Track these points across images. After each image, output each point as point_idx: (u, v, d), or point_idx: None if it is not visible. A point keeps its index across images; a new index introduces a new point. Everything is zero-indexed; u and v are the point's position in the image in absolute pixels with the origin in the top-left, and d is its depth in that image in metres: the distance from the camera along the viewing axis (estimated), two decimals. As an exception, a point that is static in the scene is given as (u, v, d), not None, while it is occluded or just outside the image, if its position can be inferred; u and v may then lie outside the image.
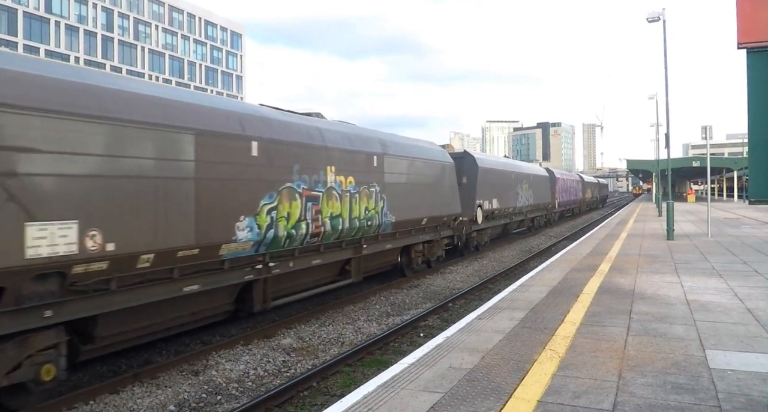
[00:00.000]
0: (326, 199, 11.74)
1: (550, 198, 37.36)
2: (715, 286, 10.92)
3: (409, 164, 15.88)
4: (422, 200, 16.34)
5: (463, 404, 5.09)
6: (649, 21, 23.13)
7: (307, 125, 11.75)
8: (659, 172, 46.08)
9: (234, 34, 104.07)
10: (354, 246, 13.17)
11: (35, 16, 70.19)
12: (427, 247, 17.54)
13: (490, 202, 23.15)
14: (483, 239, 23.61)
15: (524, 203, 29.43)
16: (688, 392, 5.30)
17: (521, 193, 28.79)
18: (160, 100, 8.19)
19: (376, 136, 14.74)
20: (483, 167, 22.71)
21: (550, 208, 37.62)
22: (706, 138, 22.21)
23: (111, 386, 7.74)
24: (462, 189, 20.45)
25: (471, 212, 21.03)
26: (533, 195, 31.51)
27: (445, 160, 18.66)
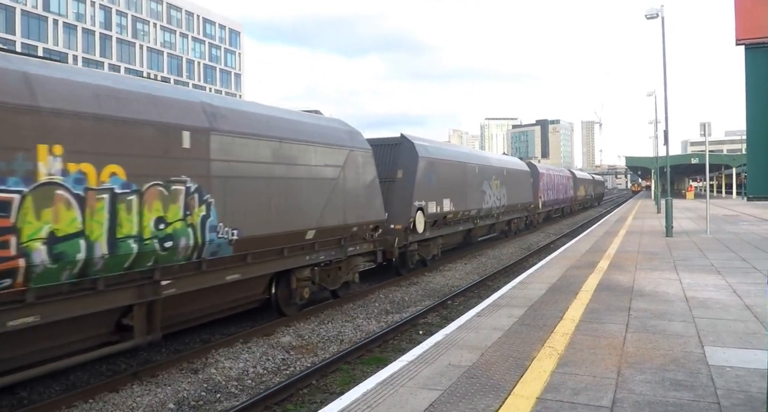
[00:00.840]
0: (37, 204, 6.53)
1: (533, 197, 32.28)
2: (713, 283, 10.93)
3: (276, 149, 10.52)
4: (307, 204, 11.14)
5: (462, 402, 5.10)
6: (647, 18, 23.12)
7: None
8: (658, 170, 46.08)
9: (232, 32, 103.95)
10: (139, 285, 7.96)
11: (33, 14, 70.07)
12: (323, 271, 12.42)
13: (438, 205, 17.88)
14: (429, 251, 18.26)
15: (495, 204, 24.09)
16: (686, 388, 5.30)
17: (490, 191, 23.43)
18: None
19: (195, 98, 9.35)
20: (426, 158, 17.22)
21: (533, 208, 32.53)
22: (704, 135, 22.21)
23: (110, 384, 7.74)
24: (396, 187, 16.15)
25: (407, 217, 15.99)
26: (508, 194, 26.14)
27: (355, 146, 13.18)
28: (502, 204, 25.23)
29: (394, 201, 15.77)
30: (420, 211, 16.52)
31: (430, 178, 17.34)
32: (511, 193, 26.69)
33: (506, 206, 25.81)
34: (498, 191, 24.54)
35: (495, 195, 24.14)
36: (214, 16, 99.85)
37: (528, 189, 30.95)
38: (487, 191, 23.14)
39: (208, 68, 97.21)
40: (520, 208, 29.26)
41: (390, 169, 16.26)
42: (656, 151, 47.65)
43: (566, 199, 45.18)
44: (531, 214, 32.47)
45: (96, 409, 7.10)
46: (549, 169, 41.30)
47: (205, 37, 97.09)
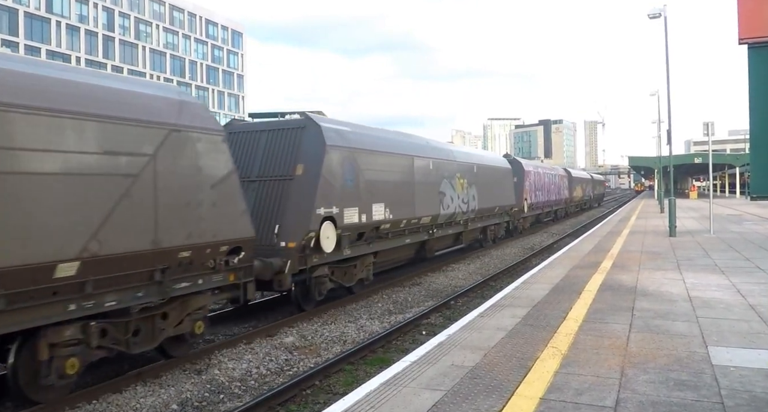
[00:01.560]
0: None
1: (516, 198, 27.65)
2: (717, 282, 10.91)
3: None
4: (52, 219, 6.58)
5: (465, 402, 5.09)
6: (650, 17, 23.09)
7: None
8: (661, 169, 46.01)
9: (235, 33, 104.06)
10: None
11: (36, 16, 70.22)
12: (119, 327, 7.77)
13: (364, 212, 13.12)
14: (353, 276, 13.38)
15: (460, 208, 19.36)
16: (690, 388, 5.29)
17: (453, 193, 18.79)
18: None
19: None
20: (340, 148, 12.39)
21: (516, 212, 27.75)
22: (708, 134, 22.16)
23: (114, 385, 7.75)
24: (292, 189, 11.53)
25: (304, 231, 11.19)
26: (481, 195, 21.38)
27: (186, 124, 8.47)
28: (472, 208, 20.43)
29: (288, 209, 11.24)
30: (328, 221, 11.74)
31: (347, 177, 12.52)
32: (486, 195, 21.99)
33: (478, 210, 21.04)
34: (465, 193, 19.88)
35: (460, 197, 19.42)
36: (216, 17, 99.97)
37: (509, 189, 26.12)
38: (448, 193, 18.32)
39: (210, 69, 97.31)
40: (499, 212, 24.55)
41: (286, 162, 11.75)
42: (659, 151, 47.59)
43: (559, 201, 40.32)
44: (514, 218, 27.82)
45: (99, 409, 7.11)
46: (538, 166, 36.12)
47: (207, 39, 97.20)
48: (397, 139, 16.14)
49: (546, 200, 35.56)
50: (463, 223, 19.92)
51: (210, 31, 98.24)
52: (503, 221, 25.98)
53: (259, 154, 12.10)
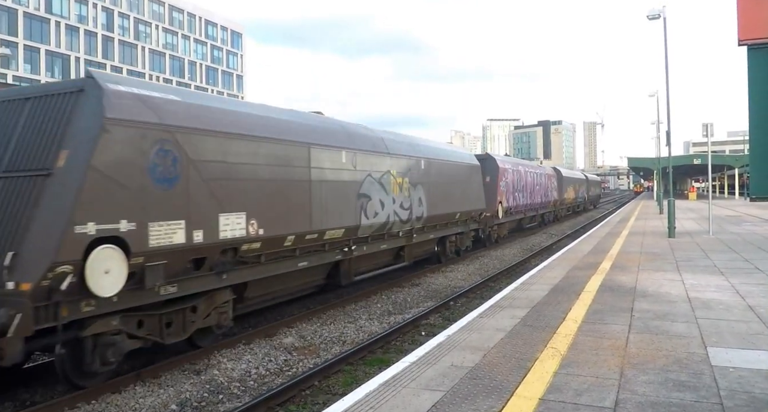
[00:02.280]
0: None
1: (488, 202, 23.05)
2: (716, 283, 10.92)
3: None
4: None
5: (464, 403, 5.10)
6: (649, 18, 23.10)
7: None
8: (660, 170, 46.04)
9: (234, 34, 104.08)
10: None
11: (35, 16, 70.18)
12: None
13: (201, 228, 8.55)
14: (185, 328, 8.85)
15: (398, 217, 14.78)
16: (689, 389, 5.30)
17: (386, 196, 14.25)
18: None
19: None
20: (132, 124, 7.62)
21: (487, 218, 23.35)
22: (707, 135, 22.18)
23: (113, 385, 7.74)
24: (45, 194, 7.01)
25: (39, 268, 6.58)
26: (433, 199, 16.97)
27: None
28: (418, 216, 15.96)
29: (31, 225, 6.80)
30: (108, 245, 7.10)
31: (158, 172, 7.90)
32: (441, 198, 17.58)
33: (427, 217, 16.59)
34: (406, 195, 15.29)
35: (398, 202, 14.79)
36: (216, 18, 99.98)
37: (477, 191, 21.26)
38: (376, 196, 13.68)
39: (210, 70, 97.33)
40: (463, 219, 20.02)
41: (45, 148, 7.28)
42: (658, 152, 47.61)
43: (546, 203, 35.94)
44: (485, 226, 23.48)
45: (98, 410, 7.11)
46: (518, 164, 30.49)
47: (207, 39, 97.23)
48: (278, 119, 10.83)
49: (529, 203, 30.92)
50: (404, 235, 15.49)
51: (209, 32, 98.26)
52: (470, 230, 21.23)
53: (15, 135, 7.60)
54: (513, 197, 27.67)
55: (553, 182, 38.26)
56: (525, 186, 30.21)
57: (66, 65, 73.10)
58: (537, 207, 33.27)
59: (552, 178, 38.23)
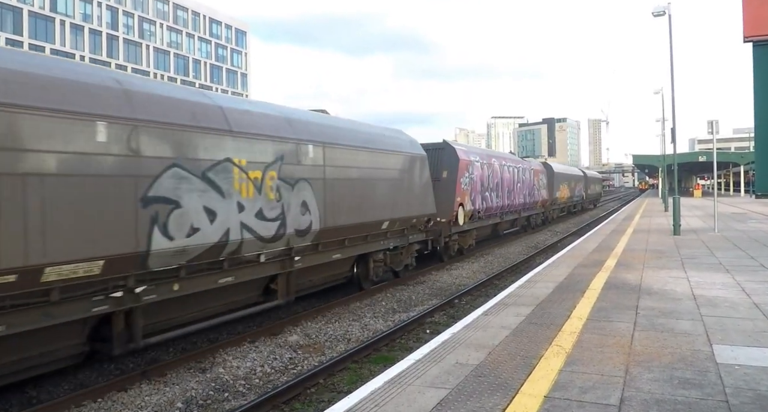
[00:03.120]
0: None
1: (443, 204, 18.02)
2: (722, 281, 10.89)
3: None
4: None
5: (470, 400, 5.10)
6: (654, 15, 23.04)
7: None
8: (665, 167, 45.92)
9: (238, 32, 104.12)
10: None
11: (40, 15, 70.36)
12: None
13: None
14: None
15: (254, 233, 9.69)
16: (695, 387, 5.29)
17: (221, 203, 9.00)
18: None
19: None
20: None
21: (440, 225, 17.87)
22: (712, 133, 22.11)
23: (119, 383, 7.77)
24: None
25: None
26: (333, 203, 11.94)
27: None
28: (302, 229, 10.99)
29: None
30: None
31: None
32: (354, 202, 12.67)
33: (325, 231, 11.65)
34: (275, 199, 10.32)
35: (256, 209, 9.85)
36: (220, 16, 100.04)
37: (423, 190, 15.90)
38: (199, 200, 8.65)
39: (214, 68, 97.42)
40: (398, 229, 14.74)
41: None
42: (663, 149, 47.50)
43: (532, 204, 30.63)
44: (438, 235, 17.69)
45: (105, 408, 7.14)
46: (490, 156, 24.36)
47: (211, 37, 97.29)
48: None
49: (507, 204, 25.53)
50: (274, 259, 10.36)
51: (214, 30, 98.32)
52: (411, 243, 15.64)
53: None
54: (482, 198, 21.86)
55: (540, 179, 33.06)
56: (501, 183, 24.64)
57: (71, 64, 73.22)
58: (519, 209, 27.73)
59: (540, 175, 32.95)
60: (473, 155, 21.51)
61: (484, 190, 22.17)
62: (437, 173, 18.50)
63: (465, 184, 20.11)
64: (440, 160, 19.21)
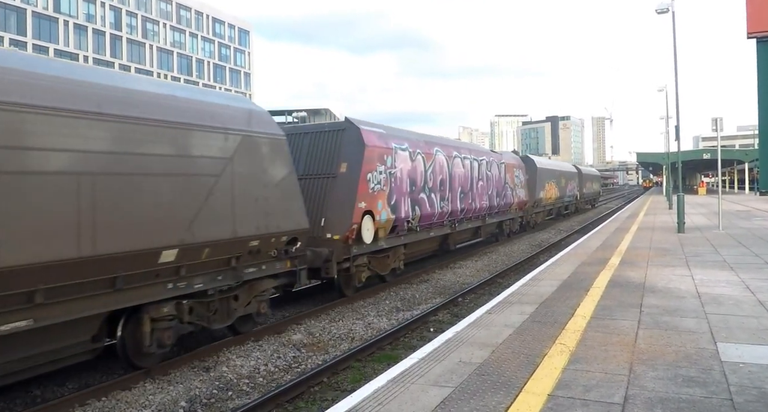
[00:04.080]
0: None
1: (329, 216, 12.71)
2: (726, 278, 10.85)
3: None
4: None
5: (473, 399, 5.09)
6: (658, 13, 22.96)
7: None
8: (669, 165, 45.81)
9: (242, 31, 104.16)
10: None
11: (44, 15, 70.51)
12: None
13: None
14: None
15: None
16: (699, 385, 5.27)
17: None
18: None
19: None
20: None
21: (334, 245, 12.36)
22: (716, 130, 22.04)
23: (123, 383, 7.78)
24: None
25: None
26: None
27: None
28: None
29: None
30: None
31: None
32: (72, 215, 6.63)
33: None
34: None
35: None
36: (223, 16, 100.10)
37: (263, 193, 9.77)
38: None
39: (217, 68, 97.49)
40: (212, 260, 8.76)
41: None
42: (667, 147, 47.38)
43: (504, 207, 24.29)
44: (323, 262, 12.12)
45: (109, 407, 7.15)
46: (431, 144, 17.63)
47: (214, 37, 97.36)
48: None
49: (459, 210, 18.92)
50: None
51: (217, 30, 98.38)
52: (254, 279, 9.94)
53: None
54: (415, 201, 15.61)
55: (517, 176, 26.71)
56: (449, 181, 18.24)
57: (74, 64, 73.40)
58: (482, 214, 21.46)
59: (515, 171, 26.48)
60: (396, 141, 14.92)
61: (417, 191, 15.82)
62: (332, 167, 13.10)
63: (376, 182, 13.60)
64: (339, 147, 13.28)
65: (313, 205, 12.64)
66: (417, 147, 16.27)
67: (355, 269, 13.18)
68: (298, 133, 13.91)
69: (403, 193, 15.08)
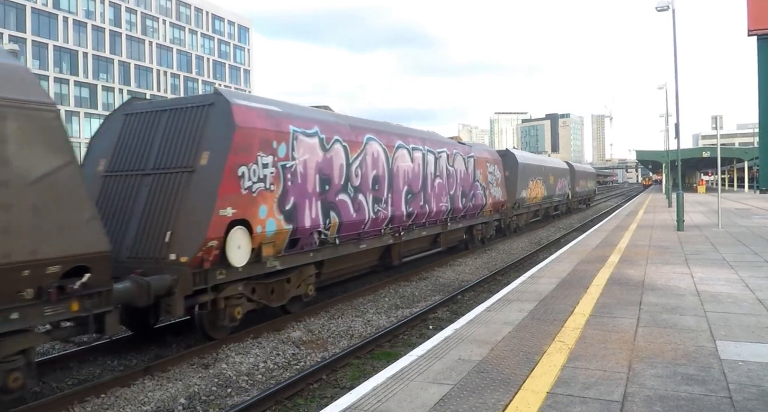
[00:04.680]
0: None
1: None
2: (725, 277, 10.86)
3: None
4: None
5: (472, 396, 5.09)
6: (658, 10, 22.93)
7: None
8: (669, 163, 45.80)
9: (241, 28, 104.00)
10: None
11: (43, 11, 70.35)
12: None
13: None
14: None
15: None
16: (698, 383, 5.27)
17: None
18: None
19: None
20: None
21: (172, 270, 8.39)
22: (716, 128, 22.04)
23: (122, 379, 7.78)
24: None
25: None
26: None
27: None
28: None
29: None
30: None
31: None
32: None
33: None
34: None
35: None
36: (223, 13, 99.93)
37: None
38: None
39: (217, 64, 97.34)
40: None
41: None
42: (667, 145, 47.36)
43: (470, 211, 19.97)
44: (143, 298, 7.98)
45: (108, 403, 7.15)
46: (354, 128, 13.32)
47: (214, 34, 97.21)
48: None
49: (405, 214, 15.01)
50: None
51: (216, 26, 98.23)
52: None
53: None
54: (331, 205, 11.94)
55: (491, 173, 22.30)
56: (391, 178, 14.33)
57: (74, 61, 73.27)
58: (443, 218, 17.65)
59: (489, 166, 22.11)
60: (297, 123, 11.11)
61: (334, 192, 12.02)
62: (190, 157, 9.33)
63: (257, 179, 9.78)
64: (203, 129, 9.54)
65: (160, 212, 8.99)
66: (335, 133, 12.23)
67: (224, 303, 9.39)
68: (154, 110, 10.18)
69: (309, 195, 11.16)
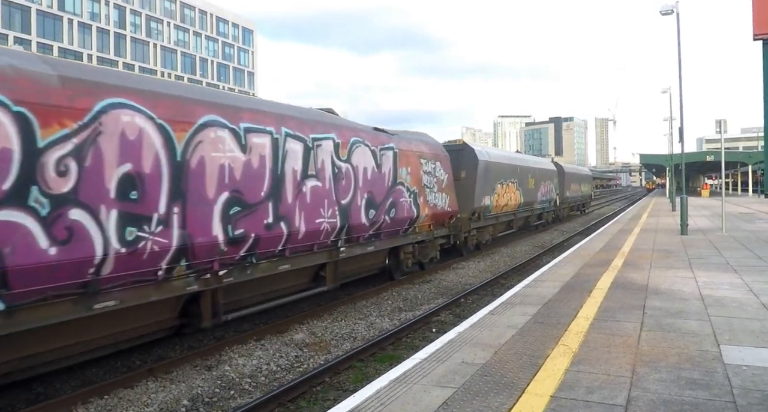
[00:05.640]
0: None
1: None
2: (729, 281, 10.83)
3: None
4: None
5: (475, 400, 5.08)
6: (662, 14, 22.94)
7: None
8: (673, 167, 45.74)
9: (245, 31, 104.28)
10: None
11: (48, 13, 70.68)
12: None
13: None
14: None
15: None
16: (702, 387, 5.26)
17: None
18: None
19: None
20: None
21: None
22: (720, 132, 21.99)
23: (125, 381, 7.79)
24: None
25: None
26: None
27: None
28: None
29: None
30: None
31: None
32: None
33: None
34: None
35: None
36: (227, 15, 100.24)
37: None
38: None
39: (221, 67, 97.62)
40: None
41: None
42: (671, 149, 47.30)
43: (390, 225, 13.68)
44: None
45: (111, 405, 7.16)
46: (234, 114, 8.71)
47: (218, 36, 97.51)
48: None
49: (267, 237, 9.49)
50: None
51: (221, 29, 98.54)
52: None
53: None
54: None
55: (429, 173, 16.08)
56: (186, 180, 7.91)
57: (79, 62, 73.59)
58: (323, 242, 11.26)
59: (426, 164, 15.92)
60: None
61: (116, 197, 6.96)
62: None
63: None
64: None
65: None
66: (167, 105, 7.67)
67: None
68: None
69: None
